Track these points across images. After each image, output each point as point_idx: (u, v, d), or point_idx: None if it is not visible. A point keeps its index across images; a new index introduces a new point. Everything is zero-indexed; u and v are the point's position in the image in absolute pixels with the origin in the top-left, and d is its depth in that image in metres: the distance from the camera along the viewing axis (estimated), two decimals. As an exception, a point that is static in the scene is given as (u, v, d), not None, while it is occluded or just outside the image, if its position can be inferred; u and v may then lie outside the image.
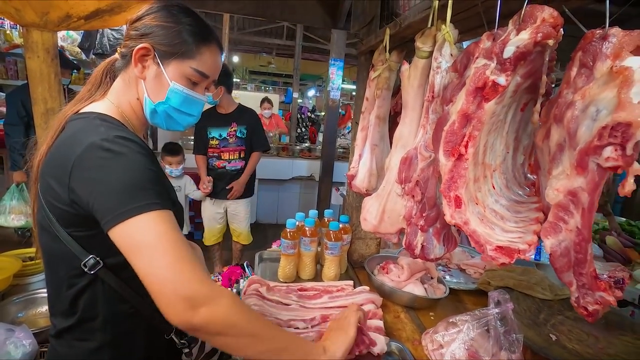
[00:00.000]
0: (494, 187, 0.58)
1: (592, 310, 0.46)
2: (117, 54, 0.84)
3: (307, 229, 1.37)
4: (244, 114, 2.98)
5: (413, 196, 0.74)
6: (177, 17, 0.79)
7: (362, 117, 1.15)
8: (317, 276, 1.45)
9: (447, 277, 1.57)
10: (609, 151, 0.41)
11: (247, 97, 6.71)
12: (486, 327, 1.02)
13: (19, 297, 2.03)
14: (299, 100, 8.63)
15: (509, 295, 1.02)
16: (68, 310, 0.76)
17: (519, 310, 1.23)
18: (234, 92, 6.94)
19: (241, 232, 3.15)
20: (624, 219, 3.06)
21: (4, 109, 3.48)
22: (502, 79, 0.51)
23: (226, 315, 0.63)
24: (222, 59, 0.88)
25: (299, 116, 7.95)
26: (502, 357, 1.00)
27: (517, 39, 0.50)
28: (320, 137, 6.20)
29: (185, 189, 3.01)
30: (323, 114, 7.49)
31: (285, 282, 1.37)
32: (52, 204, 0.71)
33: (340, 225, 1.44)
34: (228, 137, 2.92)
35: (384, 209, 0.88)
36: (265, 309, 1.14)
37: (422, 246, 0.76)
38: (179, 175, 2.95)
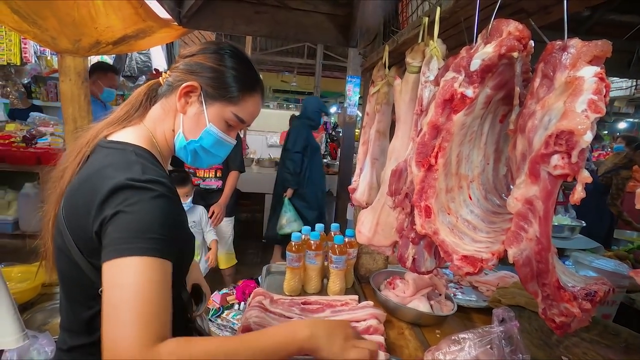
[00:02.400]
0: (470, 197, 0.58)
1: (559, 322, 0.45)
2: (161, 79, 0.85)
3: (312, 242, 1.38)
4: None
5: (403, 208, 0.74)
6: (228, 62, 0.80)
7: (362, 132, 1.17)
8: (323, 290, 1.45)
9: (459, 295, 1.53)
10: (555, 159, 0.41)
11: (270, 114, 6.89)
12: (489, 346, 0.98)
13: (45, 306, 2.14)
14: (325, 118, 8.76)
15: (514, 313, 0.99)
16: (84, 329, 0.75)
17: (529, 329, 1.18)
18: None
19: (219, 255, 2.83)
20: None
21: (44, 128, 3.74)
22: (469, 91, 0.52)
23: None
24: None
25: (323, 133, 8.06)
26: (508, 378, 0.96)
27: (482, 52, 0.51)
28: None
29: (202, 223, 2.65)
30: (343, 130, 7.54)
31: (290, 296, 1.38)
32: (76, 232, 0.70)
33: (346, 239, 1.45)
34: None
35: (377, 222, 0.88)
36: (267, 321, 1.15)
37: (414, 259, 0.75)
38: (190, 208, 2.57)
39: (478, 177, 0.59)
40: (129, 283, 0.59)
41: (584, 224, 2.58)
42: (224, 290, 2.60)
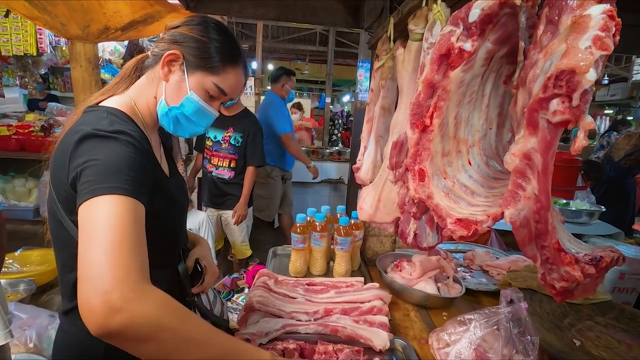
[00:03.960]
0: (470, 163, 0.54)
1: (559, 287, 0.41)
2: (149, 52, 0.88)
3: (317, 223, 1.37)
4: (244, 120, 2.69)
5: (404, 182, 0.71)
6: (211, 33, 0.82)
7: (367, 109, 1.13)
8: (329, 273, 1.44)
9: (469, 278, 1.49)
10: (555, 104, 0.37)
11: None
12: (496, 327, 0.95)
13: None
14: (332, 106, 8.70)
15: (523, 294, 0.95)
16: (71, 292, 0.77)
17: (540, 312, 1.14)
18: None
19: (234, 245, 2.90)
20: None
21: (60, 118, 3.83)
22: (467, 45, 0.48)
23: (150, 318, 0.55)
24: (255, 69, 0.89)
25: (336, 121, 8.01)
26: (515, 358, 0.93)
27: (481, 1, 0.47)
28: (353, 141, 6.20)
29: (200, 231, 2.59)
30: (356, 118, 7.47)
31: (295, 277, 1.37)
32: (58, 191, 0.74)
33: (352, 221, 1.43)
34: (222, 142, 2.67)
35: (379, 198, 0.85)
36: (270, 300, 1.15)
37: (415, 234, 0.73)
38: (192, 212, 2.58)
39: (479, 142, 0.56)
40: (102, 220, 0.59)
41: (604, 209, 2.47)
42: (235, 275, 2.63)
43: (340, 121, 8.34)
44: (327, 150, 5.11)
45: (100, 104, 0.83)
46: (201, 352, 0.59)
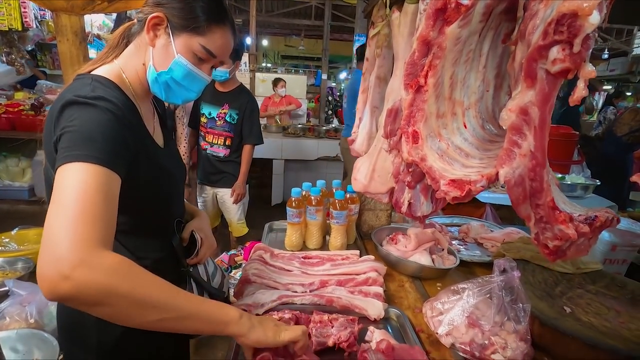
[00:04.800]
0: (465, 126, 0.53)
1: (553, 247, 0.41)
2: (135, 19, 0.86)
3: (312, 197, 1.36)
4: (239, 97, 2.61)
5: (399, 151, 0.70)
6: None
7: (362, 79, 1.10)
8: (325, 247, 1.45)
9: (463, 250, 1.51)
10: (555, 52, 0.35)
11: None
12: (489, 295, 0.97)
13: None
14: (332, 84, 8.55)
15: (516, 263, 0.96)
16: None
17: (532, 282, 1.15)
18: (263, 75, 6.99)
19: (230, 223, 2.88)
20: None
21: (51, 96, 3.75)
22: (464, -1, 0.46)
23: (97, 285, 0.55)
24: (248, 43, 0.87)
25: (329, 98, 7.88)
26: (507, 327, 0.95)
27: (479, -49, 0.44)
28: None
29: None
30: (352, 95, 7.36)
31: (291, 251, 1.38)
32: (49, 158, 0.74)
33: (347, 195, 1.42)
34: (217, 118, 2.61)
35: (374, 168, 0.84)
36: (266, 273, 1.16)
37: (409, 203, 0.72)
38: None
39: (475, 105, 0.54)
40: (68, 187, 0.60)
41: (598, 183, 2.49)
42: (232, 252, 2.65)
43: (330, 98, 8.20)
44: (324, 128, 5.06)
45: (89, 73, 0.82)
46: (160, 314, 0.60)
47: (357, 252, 1.33)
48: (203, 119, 2.67)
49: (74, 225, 0.56)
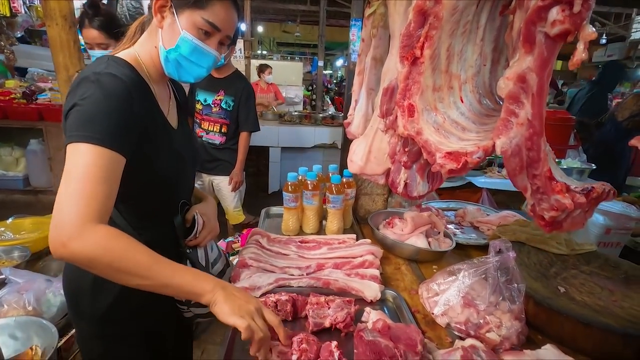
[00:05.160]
0: (462, 100, 0.52)
1: (549, 217, 0.41)
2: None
3: (309, 182, 1.36)
4: (235, 83, 2.58)
5: (394, 130, 0.69)
6: None
7: (358, 61, 1.09)
8: (322, 231, 1.45)
9: (459, 234, 1.52)
10: (554, 13, 0.35)
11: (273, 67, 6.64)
12: (484, 276, 0.97)
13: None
14: (327, 71, 8.45)
15: (511, 244, 0.97)
16: None
17: (528, 263, 1.16)
18: (259, 62, 6.87)
19: (227, 210, 2.87)
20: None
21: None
22: (461, -34, 0.44)
23: (85, 254, 0.66)
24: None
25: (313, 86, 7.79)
26: (502, 306, 0.96)
27: None
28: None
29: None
30: (349, 81, 7.29)
31: (288, 236, 1.38)
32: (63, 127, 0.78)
33: (344, 180, 1.42)
34: (212, 105, 2.58)
35: (370, 149, 0.83)
36: (263, 257, 1.16)
37: (406, 183, 0.72)
38: None
39: (472, 79, 0.53)
40: (71, 166, 0.69)
41: (594, 167, 2.50)
42: (230, 239, 2.66)
43: (325, 86, 8.12)
44: (320, 115, 5.02)
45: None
46: (138, 281, 0.69)
47: (354, 236, 1.33)
48: (198, 106, 2.64)
49: (75, 202, 0.66)
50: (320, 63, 7.72)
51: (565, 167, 2.44)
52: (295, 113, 5.15)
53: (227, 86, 2.57)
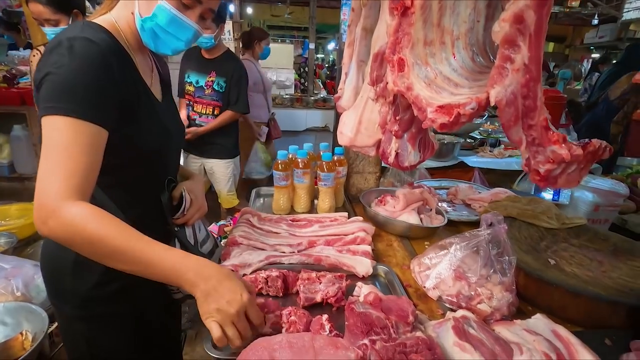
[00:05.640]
0: (454, 56, 0.50)
1: (544, 172, 0.40)
2: None
3: (299, 160, 1.33)
4: (227, 64, 2.50)
5: (385, 98, 0.67)
6: None
7: (348, 32, 1.05)
8: (313, 210, 1.44)
9: (451, 211, 1.51)
10: None
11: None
12: (476, 249, 0.97)
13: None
14: (319, 55, 8.31)
15: (503, 217, 0.96)
16: None
17: (518, 237, 1.17)
18: (248, 45, 6.68)
19: (220, 194, 2.84)
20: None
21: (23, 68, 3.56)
22: None
23: (66, 233, 0.65)
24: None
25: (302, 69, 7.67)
26: (493, 279, 0.96)
27: None
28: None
29: None
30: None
31: (279, 215, 1.36)
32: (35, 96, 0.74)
33: (335, 157, 1.40)
34: (205, 87, 2.50)
35: (360, 120, 0.81)
36: (253, 235, 1.14)
37: (397, 153, 0.70)
38: None
39: (465, 36, 0.50)
40: (48, 142, 0.66)
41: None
42: (222, 222, 2.64)
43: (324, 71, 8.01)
44: (312, 98, 4.96)
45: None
46: (120, 265, 0.66)
47: (346, 214, 1.32)
48: (190, 88, 2.55)
49: (54, 179, 0.64)
50: (312, 45, 7.57)
51: (556, 145, 2.44)
52: (287, 96, 5.08)
53: (219, 67, 2.49)
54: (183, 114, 2.68)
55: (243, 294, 0.67)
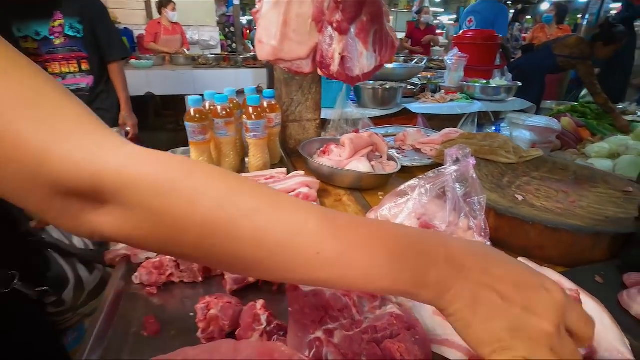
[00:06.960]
0: None
1: None
2: None
3: (218, 107, 1.05)
4: None
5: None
6: None
7: None
8: (245, 170, 1.18)
9: (402, 157, 1.36)
10: None
11: (177, 5, 5.68)
12: (442, 190, 0.81)
13: None
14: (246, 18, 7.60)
15: (470, 150, 0.80)
16: None
17: (480, 176, 1.03)
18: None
19: None
20: (577, 103, 2.99)
21: None
22: None
23: None
24: None
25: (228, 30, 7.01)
26: (462, 224, 0.81)
27: None
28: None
29: None
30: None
31: (201, 178, 1.08)
32: None
33: (265, 102, 1.13)
34: (52, 37, 1.82)
35: (285, 19, 0.56)
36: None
37: (342, 57, 0.47)
38: None
39: None
40: None
41: (520, 84, 2.52)
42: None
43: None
44: (241, 57, 4.48)
45: None
46: None
47: (284, 169, 1.09)
48: (31, 44, 1.82)
49: None
50: (236, 2, 6.86)
51: (494, 85, 2.42)
52: (212, 55, 4.54)
53: (63, 5, 1.81)
54: None
55: (548, 284, 0.31)
